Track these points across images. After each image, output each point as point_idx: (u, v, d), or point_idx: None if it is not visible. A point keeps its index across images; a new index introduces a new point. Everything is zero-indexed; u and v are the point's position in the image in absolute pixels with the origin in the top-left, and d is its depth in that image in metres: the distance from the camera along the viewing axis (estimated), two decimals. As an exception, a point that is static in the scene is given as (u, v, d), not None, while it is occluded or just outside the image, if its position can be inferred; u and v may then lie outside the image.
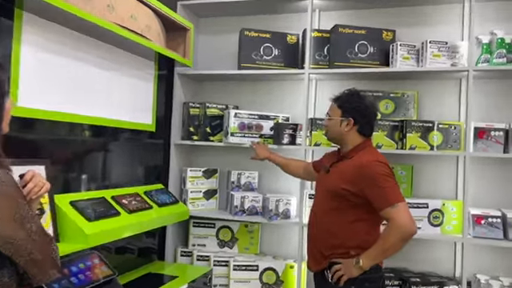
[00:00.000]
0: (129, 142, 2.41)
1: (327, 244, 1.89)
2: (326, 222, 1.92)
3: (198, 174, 2.83)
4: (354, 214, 1.85)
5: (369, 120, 1.96)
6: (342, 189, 1.85)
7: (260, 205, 2.71)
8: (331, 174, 1.96)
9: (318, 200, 2.01)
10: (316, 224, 1.98)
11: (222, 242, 2.83)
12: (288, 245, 2.82)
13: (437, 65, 2.36)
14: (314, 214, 2.02)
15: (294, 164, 2.44)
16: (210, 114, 2.79)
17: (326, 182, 1.97)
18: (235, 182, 2.80)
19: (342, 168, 1.92)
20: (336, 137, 2.00)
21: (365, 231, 1.85)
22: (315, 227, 1.98)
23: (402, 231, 1.70)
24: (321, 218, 1.95)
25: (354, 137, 1.95)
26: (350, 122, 1.94)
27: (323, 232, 1.92)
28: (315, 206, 2.04)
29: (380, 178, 1.78)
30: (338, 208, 1.88)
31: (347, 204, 1.85)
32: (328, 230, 1.90)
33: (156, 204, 2.27)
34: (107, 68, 2.16)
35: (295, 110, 2.80)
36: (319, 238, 1.94)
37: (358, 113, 1.94)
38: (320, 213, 1.96)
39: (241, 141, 2.64)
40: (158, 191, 2.41)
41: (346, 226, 1.86)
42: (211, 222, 2.84)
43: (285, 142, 2.58)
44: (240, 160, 2.91)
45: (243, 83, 2.94)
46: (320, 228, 1.94)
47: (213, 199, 2.86)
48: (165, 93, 2.76)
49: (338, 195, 1.87)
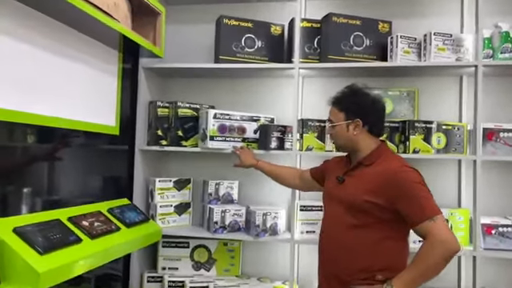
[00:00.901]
0: (87, 147, 1.96)
1: (347, 267, 1.58)
2: (344, 242, 1.60)
3: (168, 185, 2.42)
4: (380, 230, 1.55)
5: (378, 116, 1.69)
6: (364, 201, 1.55)
7: (243, 219, 2.35)
8: (347, 184, 1.66)
9: (332, 215, 1.70)
10: (331, 244, 1.66)
11: (197, 264, 2.43)
12: (275, 264, 2.48)
13: (441, 59, 2.14)
14: (327, 231, 1.70)
15: (286, 172, 2.11)
16: (181, 115, 2.40)
17: (341, 194, 1.66)
18: (213, 194, 2.42)
19: (360, 177, 1.63)
20: (345, 144, 1.70)
21: (394, 250, 1.56)
22: (330, 247, 1.66)
23: (445, 249, 1.42)
24: (338, 237, 1.63)
25: (367, 139, 1.67)
26: (358, 123, 1.65)
27: (342, 253, 1.60)
28: (328, 222, 1.72)
29: (414, 188, 1.50)
30: (361, 224, 1.58)
31: (372, 219, 1.55)
32: (348, 250, 1.59)
33: (124, 224, 1.84)
34: (60, 53, 1.71)
35: (280, 111, 2.48)
36: (336, 260, 1.62)
37: (364, 111, 1.66)
38: (336, 230, 1.64)
39: (221, 145, 2.26)
40: (124, 207, 1.98)
41: (370, 245, 1.55)
42: (184, 241, 2.43)
43: (272, 146, 2.24)
44: (218, 168, 2.54)
45: (220, 80, 2.58)
46: (337, 248, 1.63)
47: (186, 214, 2.46)
48: (130, 90, 2.33)
49: (359, 209, 1.57)
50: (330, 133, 1.74)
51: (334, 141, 1.74)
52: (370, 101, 1.67)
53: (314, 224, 2.29)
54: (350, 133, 1.67)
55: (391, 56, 2.22)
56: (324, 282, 1.68)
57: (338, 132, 1.69)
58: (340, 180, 1.69)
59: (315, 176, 1.96)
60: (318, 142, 2.27)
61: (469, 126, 2.23)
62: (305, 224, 2.28)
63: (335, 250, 1.63)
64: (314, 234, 2.28)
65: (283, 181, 2.11)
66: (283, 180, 2.10)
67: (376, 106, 1.67)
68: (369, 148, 1.66)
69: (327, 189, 1.79)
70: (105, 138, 2.08)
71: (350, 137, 1.67)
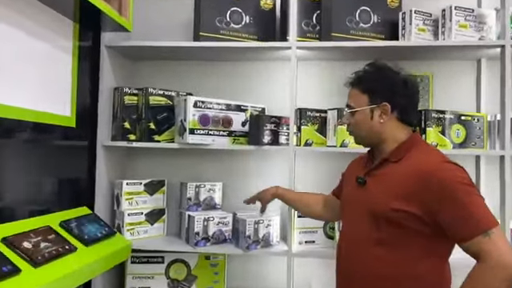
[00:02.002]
0: (32, 143, 1.53)
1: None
2: (368, 262, 1.25)
3: (137, 189, 2.00)
4: (415, 246, 1.21)
5: (410, 100, 1.35)
6: (392, 210, 1.21)
7: (229, 228, 1.97)
8: (369, 187, 1.31)
9: (351, 227, 1.34)
10: (350, 264, 1.31)
11: (174, 283, 2.03)
12: (266, 279, 2.12)
13: (463, 38, 1.83)
14: (346, 248, 1.34)
15: (310, 197, 1.74)
16: (153, 104, 1.99)
17: (362, 200, 1.31)
18: (192, 199, 2.02)
19: (386, 177, 1.28)
20: (369, 135, 1.35)
21: (434, 272, 1.22)
22: (349, 268, 1.31)
23: (507, 273, 1.09)
24: (359, 256, 1.28)
25: (396, 129, 1.33)
26: (386, 108, 1.31)
27: (366, 274, 1.26)
28: (347, 235, 1.37)
29: (460, 191, 1.16)
30: (389, 240, 1.23)
31: (403, 234, 1.21)
32: (374, 271, 1.24)
33: (82, 242, 1.42)
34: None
35: (272, 100, 2.11)
36: (359, 283, 1.27)
37: (394, 92, 1.31)
38: (357, 247, 1.29)
39: (203, 140, 1.87)
40: (83, 219, 1.56)
41: (404, 265, 1.21)
42: (158, 256, 2.03)
43: (265, 141, 1.87)
44: (199, 167, 2.15)
45: (200, 64, 2.18)
46: (358, 270, 1.28)
47: (159, 223, 2.05)
48: (90, 73, 1.89)
49: (386, 220, 1.23)
50: (349, 122, 1.39)
51: (354, 132, 1.39)
52: (400, 80, 1.32)
53: (313, 233, 1.94)
54: (375, 121, 1.32)
55: (403, 35, 1.90)
56: None
57: (360, 120, 1.34)
58: (360, 182, 1.34)
59: (338, 193, 1.59)
60: (319, 135, 1.92)
61: (489, 117, 1.94)
62: (303, 233, 1.93)
63: (356, 273, 1.28)
64: (313, 244, 1.94)
65: (307, 208, 1.72)
66: (307, 207, 1.72)
67: (408, 86, 1.33)
68: (397, 140, 1.32)
69: (345, 194, 1.44)
70: (57, 131, 1.64)
71: (375, 126, 1.32)
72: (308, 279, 2.08)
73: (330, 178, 1.80)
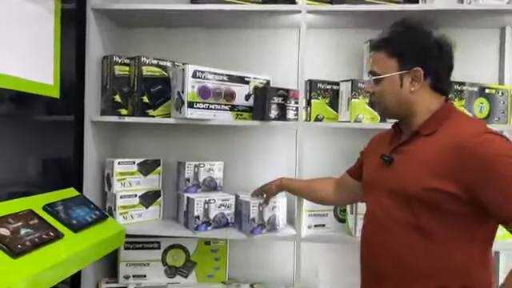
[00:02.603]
0: (11, 114, 1.33)
1: (410, 287, 1.09)
2: (400, 250, 1.10)
3: (130, 169, 1.82)
4: (454, 231, 1.06)
5: (446, 65, 1.18)
6: (426, 189, 1.06)
7: (232, 211, 1.80)
8: (397, 165, 1.15)
9: (377, 211, 1.18)
10: (377, 253, 1.15)
11: (171, 270, 1.87)
12: (271, 266, 1.97)
13: (490, 1, 1.66)
14: (371, 235, 1.19)
15: (317, 182, 1.60)
16: (147, 75, 1.79)
17: (390, 181, 1.15)
18: (191, 179, 1.85)
19: (417, 153, 1.12)
20: (397, 106, 1.18)
21: (476, 260, 1.07)
22: (376, 259, 1.16)
23: None
24: (389, 243, 1.13)
25: (428, 98, 1.17)
26: (418, 74, 1.14)
27: (396, 266, 1.11)
28: (371, 221, 1.21)
29: (505, 164, 1.00)
30: (423, 224, 1.08)
31: (441, 216, 1.06)
32: (406, 262, 1.09)
33: (69, 227, 1.25)
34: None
35: (277, 71, 1.93)
36: (387, 277, 1.12)
37: (428, 56, 1.14)
38: (384, 234, 1.14)
39: (203, 115, 1.69)
40: (70, 202, 1.38)
41: (440, 253, 1.06)
42: (154, 241, 1.87)
43: (272, 115, 1.70)
44: (198, 145, 1.97)
45: (197, 30, 1.97)
46: (388, 259, 1.12)
47: (155, 205, 1.89)
48: (75, 39, 1.69)
49: (419, 201, 1.07)
50: (373, 90, 1.22)
51: (379, 103, 1.22)
52: (433, 41, 1.15)
53: (323, 216, 1.79)
54: (405, 88, 1.15)
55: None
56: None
57: (387, 89, 1.17)
58: (387, 160, 1.17)
59: (355, 173, 1.43)
60: (330, 110, 1.76)
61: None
62: (312, 216, 1.78)
63: (384, 265, 1.13)
64: (323, 228, 1.79)
65: (317, 193, 1.58)
66: (317, 192, 1.57)
67: (443, 48, 1.16)
68: (429, 110, 1.15)
69: (367, 175, 1.27)
70: (38, 102, 1.45)
71: (405, 95, 1.16)
72: (315, 265, 1.94)
73: (342, 159, 1.64)
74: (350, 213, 1.74)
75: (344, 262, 1.92)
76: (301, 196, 1.68)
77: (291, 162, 1.94)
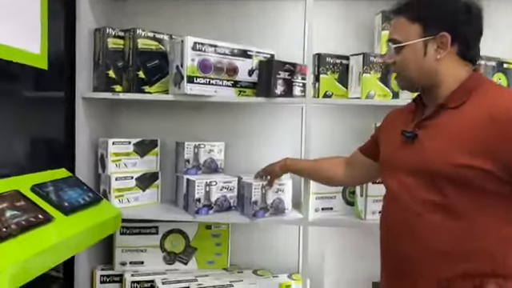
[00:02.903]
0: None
1: (435, 274, 0.99)
2: (426, 232, 1.01)
3: (126, 149, 1.71)
4: (488, 212, 0.96)
5: (475, 30, 1.06)
6: (456, 167, 0.96)
7: (234, 194, 1.70)
8: (421, 141, 1.05)
9: (399, 192, 1.07)
10: (400, 235, 1.06)
11: (170, 256, 1.78)
12: (275, 251, 1.88)
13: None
14: (394, 219, 1.09)
15: (325, 162, 1.49)
16: (142, 49, 1.67)
17: (413, 158, 1.05)
18: (191, 161, 1.74)
19: (444, 128, 1.02)
20: (420, 76, 1.07)
21: (509, 244, 0.97)
22: (400, 244, 1.06)
23: None
24: (413, 225, 1.03)
25: (456, 67, 1.06)
26: (445, 40, 1.03)
27: (422, 250, 1.01)
28: (393, 204, 1.10)
29: None
30: (453, 205, 0.98)
31: (473, 195, 0.96)
32: (433, 245, 1.00)
33: (60, 210, 1.14)
34: None
35: (281, 45, 1.81)
36: (412, 262, 1.03)
37: (456, 20, 1.03)
38: (408, 217, 1.04)
39: (204, 90, 1.57)
40: (61, 183, 1.26)
41: (471, 237, 0.97)
42: (151, 226, 1.76)
43: (278, 92, 1.59)
44: (198, 124, 1.86)
45: (195, 2, 1.85)
46: (413, 243, 1.03)
47: (152, 188, 1.78)
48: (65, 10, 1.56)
49: (448, 179, 0.97)
50: (394, 60, 1.11)
51: (400, 73, 1.11)
52: (461, 3, 1.04)
53: (331, 199, 1.70)
54: (430, 57, 1.04)
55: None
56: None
57: (409, 57, 1.07)
58: (409, 136, 1.07)
59: (368, 151, 1.33)
60: (340, 86, 1.65)
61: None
62: (320, 199, 1.68)
63: (408, 249, 1.03)
64: (331, 211, 1.70)
65: (325, 173, 1.47)
66: (325, 172, 1.47)
67: (472, 11, 1.05)
68: (456, 80, 1.05)
69: (386, 153, 1.17)
70: (24, 72, 1.32)
71: (429, 63, 1.05)
72: (321, 250, 1.86)
73: (351, 139, 1.54)
74: (359, 195, 1.65)
75: (352, 246, 1.84)
76: (307, 177, 1.59)
77: (297, 142, 1.85)
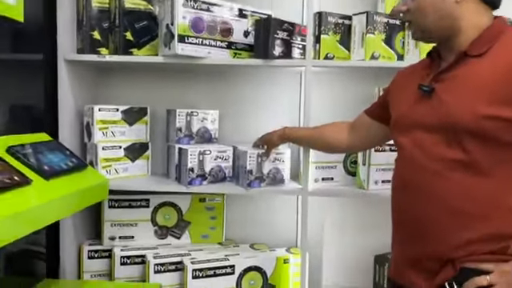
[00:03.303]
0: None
1: (455, 236, 0.92)
2: (446, 191, 0.92)
3: (113, 117, 1.60)
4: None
5: None
6: (482, 118, 0.87)
7: (229, 165, 1.61)
8: (440, 94, 0.95)
9: (416, 151, 0.98)
10: (418, 199, 0.97)
11: (162, 230, 1.69)
12: (272, 225, 1.80)
13: None
14: (409, 180, 0.99)
15: (326, 129, 1.39)
16: (129, 8, 1.55)
17: (432, 113, 0.95)
18: (183, 129, 1.64)
19: (466, 78, 0.93)
20: (438, 23, 0.97)
21: None
22: (416, 206, 0.97)
23: None
24: (431, 185, 0.94)
25: (476, 12, 0.96)
26: None
27: (442, 210, 0.93)
28: (408, 165, 1.01)
29: None
30: (477, 160, 0.90)
31: (500, 149, 0.89)
32: (453, 204, 0.92)
33: (39, 174, 1.03)
34: None
35: (278, 5, 1.69)
36: (432, 221, 0.95)
37: None
38: (426, 177, 0.95)
39: (197, 51, 1.46)
40: (41, 146, 1.16)
41: (497, 195, 0.89)
42: (142, 198, 1.67)
43: (276, 53, 1.48)
44: (189, 91, 1.76)
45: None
46: (432, 204, 0.94)
47: (142, 159, 1.68)
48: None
49: (472, 133, 0.89)
50: (408, 8, 1.01)
51: (416, 21, 1.01)
52: None
53: (331, 168, 1.61)
54: (448, 1, 0.95)
55: None
56: (405, 263, 1.01)
57: (425, 3, 0.97)
58: (426, 90, 0.98)
59: (375, 113, 1.24)
60: (342, 48, 1.54)
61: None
62: (320, 169, 1.59)
63: (429, 211, 0.95)
64: (331, 181, 1.61)
65: (328, 139, 1.38)
66: (327, 138, 1.38)
67: None
68: (478, 26, 0.95)
69: (400, 112, 1.06)
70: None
71: (447, 8, 0.95)
72: (321, 222, 1.78)
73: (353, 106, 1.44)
74: (361, 164, 1.56)
75: (353, 219, 1.77)
76: (307, 146, 1.49)
77: (295, 111, 1.75)
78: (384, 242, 1.69)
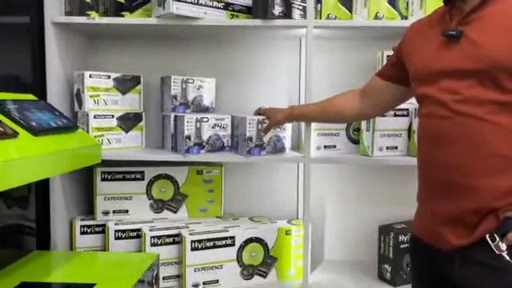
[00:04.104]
0: None
1: (496, 183, 0.87)
2: (487, 137, 0.87)
3: (105, 84, 1.53)
4: None
5: None
6: None
7: (228, 133, 1.54)
8: (470, 37, 0.90)
9: (445, 99, 0.92)
10: (454, 148, 0.91)
11: (158, 204, 1.61)
12: (272, 197, 1.74)
13: None
14: (441, 127, 0.93)
15: (336, 99, 1.32)
16: (121, -30, 1.47)
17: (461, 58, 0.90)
18: (178, 97, 1.57)
19: (499, 16, 0.88)
20: None
21: None
22: (450, 151, 0.91)
23: None
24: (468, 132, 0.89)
25: None
26: None
27: (483, 160, 0.88)
28: (437, 115, 0.94)
29: None
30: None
31: None
32: (496, 152, 0.87)
33: (26, 128, 0.95)
34: None
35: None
36: (472, 173, 0.89)
37: None
38: (459, 120, 0.90)
39: (192, 11, 1.39)
40: (27, 104, 1.08)
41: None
42: (137, 171, 1.59)
43: (276, 12, 1.41)
44: (182, 60, 1.68)
45: None
46: (470, 153, 0.89)
47: (135, 131, 1.60)
48: None
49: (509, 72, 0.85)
50: None
51: None
52: None
53: (334, 136, 1.55)
54: None
55: None
56: (438, 221, 0.95)
57: None
58: (453, 34, 0.91)
59: (387, 74, 1.17)
60: (344, 10, 1.48)
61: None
62: (322, 136, 1.53)
63: (465, 159, 0.89)
64: (334, 149, 1.55)
65: (340, 108, 1.31)
66: (340, 107, 1.31)
67: None
68: None
69: (422, 63, 0.99)
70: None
71: None
72: (323, 193, 1.72)
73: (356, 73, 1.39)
74: (365, 130, 1.50)
75: (357, 188, 1.71)
76: (317, 121, 1.43)
77: (295, 78, 1.69)
78: (388, 212, 1.67)
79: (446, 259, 0.94)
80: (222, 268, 1.47)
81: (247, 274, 1.50)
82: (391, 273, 1.53)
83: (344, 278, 1.59)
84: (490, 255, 0.86)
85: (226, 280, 1.47)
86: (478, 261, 0.88)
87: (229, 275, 1.48)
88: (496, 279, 0.87)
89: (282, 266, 1.56)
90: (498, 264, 0.85)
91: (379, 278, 1.59)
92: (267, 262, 1.54)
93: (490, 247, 0.86)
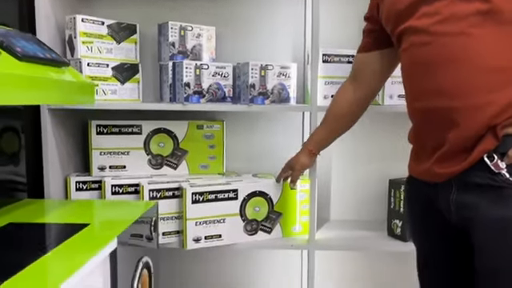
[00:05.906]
0: None
1: (494, 98, 0.80)
2: (480, 51, 0.81)
3: (99, 30, 1.44)
4: None
5: None
6: None
7: (229, 83, 1.46)
8: None
9: (427, 25, 0.86)
10: (447, 70, 0.83)
11: (157, 159, 1.54)
12: (275, 154, 1.64)
13: None
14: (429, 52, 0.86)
15: (335, 105, 1.26)
16: None
17: None
18: (176, 44, 1.48)
19: None
20: None
21: None
22: (447, 77, 0.83)
23: None
24: (462, 49, 0.81)
25: None
26: None
27: (478, 76, 0.80)
28: (422, 42, 0.87)
29: None
30: (502, 8, 0.78)
31: None
32: (491, 64, 0.80)
33: (9, 52, 0.87)
34: None
35: None
36: (468, 92, 0.81)
37: None
38: (452, 37, 0.82)
39: None
40: (14, 34, 0.99)
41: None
42: (134, 124, 1.51)
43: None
44: (181, 8, 1.59)
45: None
46: (465, 71, 0.81)
47: (132, 83, 1.52)
48: None
49: None
50: None
51: None
52: None
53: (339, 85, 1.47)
54: None
55: None
56: (434, 154, 0.89)
57: None
58: None
59: (368, 44, 1.12)
60: None
61: None
62: (329, 84, 1.45)
63: (460, 79, 0.82)
64: (341, 99, 1.47)
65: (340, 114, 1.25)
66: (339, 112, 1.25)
67: None
68: None
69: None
70: None
71: None
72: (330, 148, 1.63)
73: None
74: (374, 77, 1.42)
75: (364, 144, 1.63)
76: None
77: (300, 29, 1.60)
78: (398, 166, 1.57)
79: (443, 190, 0.88)
80: (225, 222, 1.39)
81: (251, 229, 1.43)
82: (401, 227, 1.46)
83: (352, 234, 1.52)
84: (488, 175, 0.80)
85: (229, 235, 1.40)
86: (476, 183, 0.82)
87: (232, 230, 1.40)
88: (496, 199, 0.80)
89: (287, 222, 1.49)
90: (497, 183, 0.79)
91: (389, 234, 1.52)
92: (271, 218, 1.46)
93: (487, 167, 0.79)
